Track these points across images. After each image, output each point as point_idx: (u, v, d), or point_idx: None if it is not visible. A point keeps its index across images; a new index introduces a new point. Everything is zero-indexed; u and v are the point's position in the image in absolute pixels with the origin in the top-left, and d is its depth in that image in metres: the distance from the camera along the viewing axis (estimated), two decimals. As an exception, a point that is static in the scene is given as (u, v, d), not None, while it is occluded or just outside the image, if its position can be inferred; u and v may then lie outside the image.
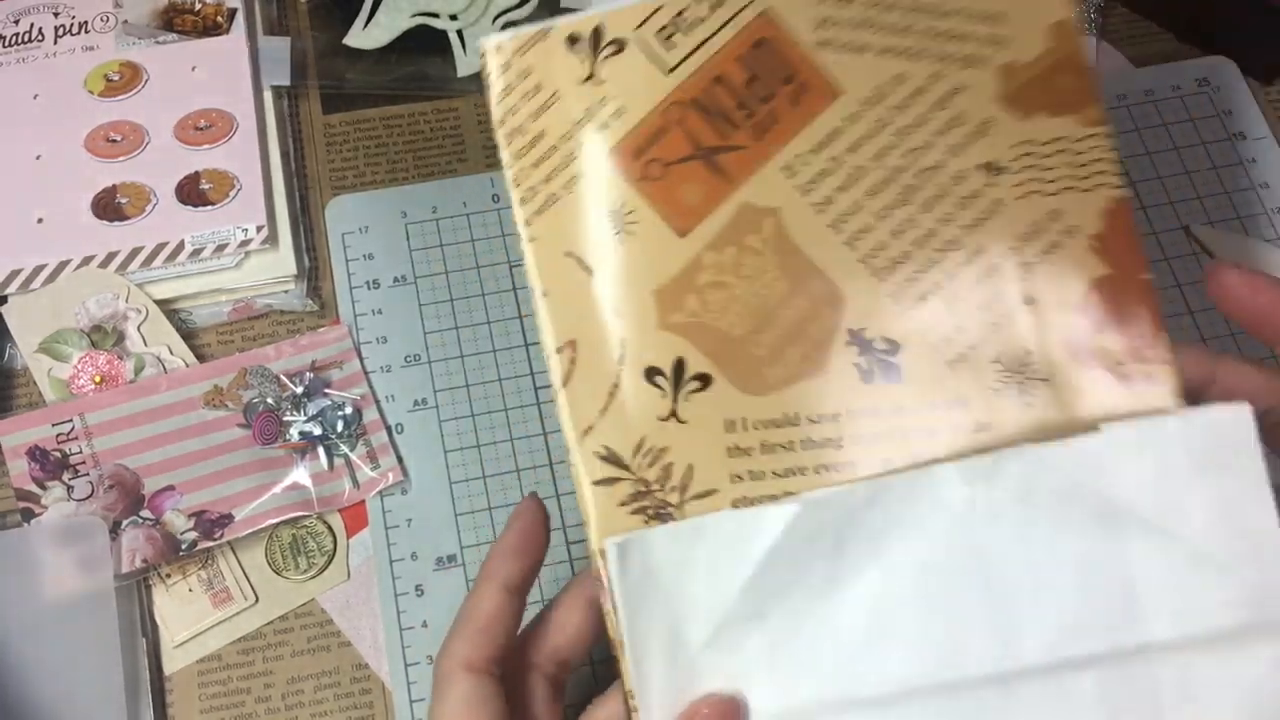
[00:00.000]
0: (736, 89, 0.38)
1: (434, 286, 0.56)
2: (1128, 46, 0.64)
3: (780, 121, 0.38)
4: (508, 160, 0.38)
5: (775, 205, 0.38)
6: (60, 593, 0.48)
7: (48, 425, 0.51)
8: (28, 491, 0.50)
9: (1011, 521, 0.36)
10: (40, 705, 0.46)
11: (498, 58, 0.38)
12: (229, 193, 0.56)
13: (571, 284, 0.37)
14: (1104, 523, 0.36)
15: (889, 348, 0.38)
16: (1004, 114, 0.39)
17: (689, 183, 0.38)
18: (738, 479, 0.37)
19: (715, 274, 0.38)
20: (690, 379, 0.38)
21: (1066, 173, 0.39)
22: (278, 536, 0.51)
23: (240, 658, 0.49)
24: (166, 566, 0.50)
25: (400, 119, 0.61)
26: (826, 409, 0.37)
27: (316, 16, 0.63)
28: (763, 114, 0.38)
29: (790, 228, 0.38)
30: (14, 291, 0.54)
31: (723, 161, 0.38)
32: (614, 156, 0.38)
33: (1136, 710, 0.35)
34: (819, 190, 0.38)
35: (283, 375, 0.53)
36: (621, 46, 0.38)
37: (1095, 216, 0.38)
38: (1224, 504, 0.35)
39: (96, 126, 0.58)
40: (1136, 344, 0.38)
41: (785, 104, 0.38)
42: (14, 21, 0.61)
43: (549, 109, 0.38)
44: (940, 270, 0.38)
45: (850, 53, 0.39)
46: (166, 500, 0.50)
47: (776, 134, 0.38)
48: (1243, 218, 0.59)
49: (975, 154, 0.38)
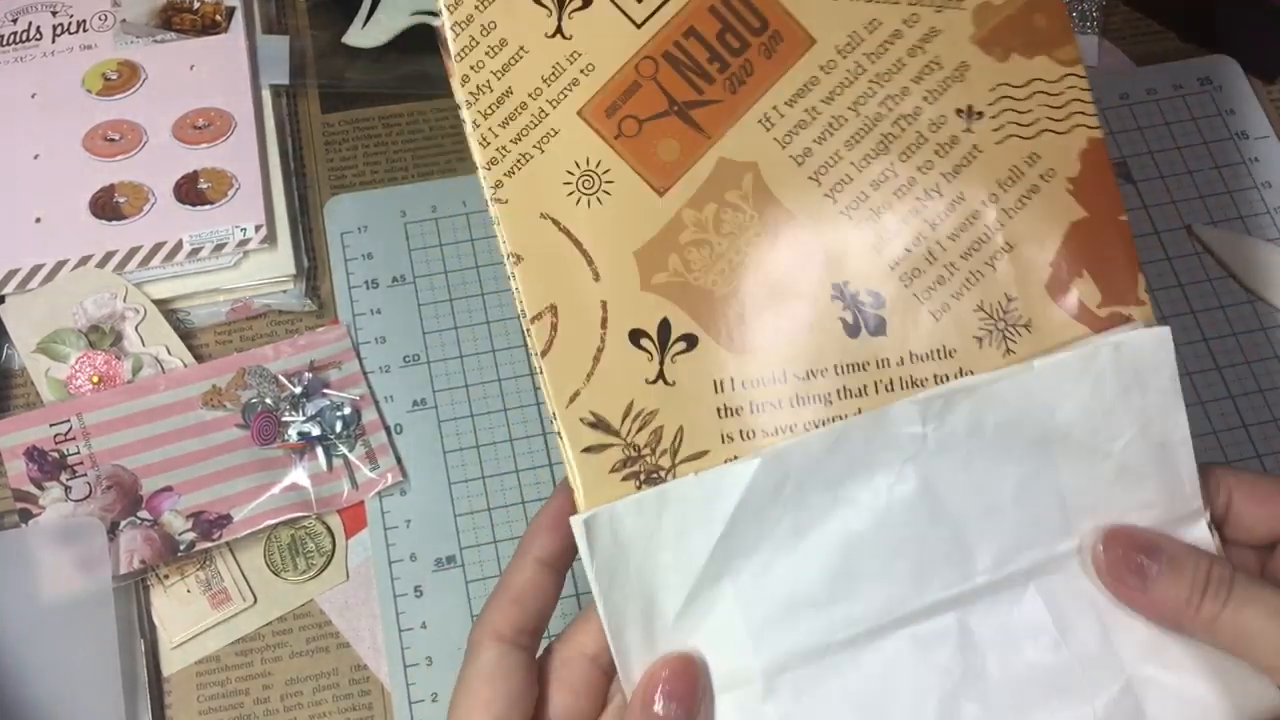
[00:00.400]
0: (709, 41, 0.37)
1: (433, 286, 0.56)
2: (1130, 45, 0.64)
3: (755, 73, 0.37)
4: (473, 119, 0.36)
5: (753, 159, 0.37)
6: (58, 593, 0.47)
7: (45, 425, 0.51)
8: (25, 492, 0.50)
9: (961, 453, 0.37)
10: (38, 706, 0.45)
11: (457, 13, 0.36)
12: (227, 192, 0.56)
13: (548, 247, 0.36)
14: (1042, 447, 0.37)
15: (873, 301, 0.38)
16: (980, 56, 0.38)
17: (665, 139, 0.37)
18: (729, 439, 0.37)
19: (696, 232, 0.37)
20: (676, 340, 0.37)
21: (1044, 114, 0.39)
22: (276, 537, 0.51)
23: (239, 659, 0.49)
24: (165, 567, 0.49)
25: (400, 118, 0.61)
26: (814, 364, 0.37)
27: (315, 15, 0.63)
28: (737, 66, 0.37)
29: (770, 181, 0.37)
30: (12, 291, 0.54)
31: (699, 116, 0.37)
32: (586, 114, 0.37)
33: (1078, 609, 0.37)
34: (797, 142, 0.38)
35: (281, 375, 0.53)
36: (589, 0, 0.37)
37: (1073, 159, 0.38)
38: (1145, 420, 0.37)
39: (95, 125, 0.58)
40: (1114, 286, 0.38)
41: (759, 55, 0.38)
42: (12, 20, 0.61)
43: (515, 65, 0.36)
44: (922, 220, 0.38)
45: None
46: (165, 501, 0.50)
47: (752, 86, 0.37)
48: (1245, 217, 0.59)
49: (952, 99, 0.38)
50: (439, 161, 0.60)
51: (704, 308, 0.37)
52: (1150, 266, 0.57)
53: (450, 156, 0.60)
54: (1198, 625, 0.36)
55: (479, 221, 0.57)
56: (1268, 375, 0.55)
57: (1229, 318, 0.56)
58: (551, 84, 0.37)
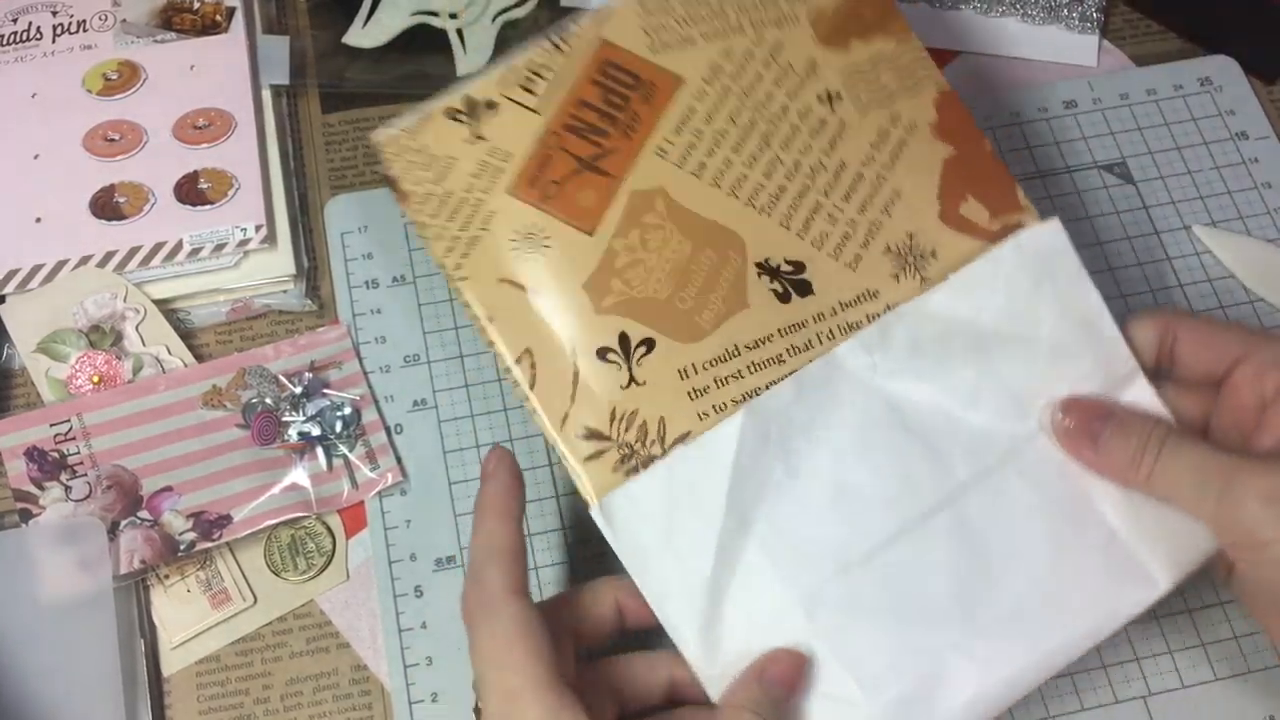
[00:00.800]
0: (597, 105, 0.45)
1: (433, 286, 0.56)
2: (1130, 46, 0.64)
3: (641, 118, 0.45)
4: (425, 224, 0.44)
5: (660, 184, 0.44)
6: (58, 593, 0.47)
7: (45, 426, 0.51)
8: (26, 492, 0.50)
9: (910, 373, 0.43)
10: (38, 706, 0.45)
11: (391, 148, 0.44)
12: (228, 192, 0.56)
13: (512, 303, 0.43)
14: (979, 349, 0.43)
15: (794, 268, 0.44)
16: (825, 52, 0.46)
17: (582, 190, 0.44)
18: (705, 415, 0.42)
19: (628, 256, 0.44)
20: (637, 346, 0.43)
21: (894, 81, 0.46)
22: (276, 537, 0.51)
23: (239, 659, 0.49)
24: (165, 567, 0.49)
25: (400, 118, 0.61)
26: (759, 334, 0.43)
27: (316, 15, 0.63)
28: (625, 117, 0.45)
29: (679, 198, 0.44)
30: (12, 291, 0.54)
31: (604, 164, 0.44)
32: (514, 191, 0.44)
33: (1055, 477, 0.42)
34: (691, 160, 0.45)
35: (281, 375, 0.53)
36: (494, 105, 0.44)
37: (929, 109, 0.46)
38: (1062, 303, 0.44)
39: (95, 125, 0.58)
40: (997, 201, 0.45)
41: (641, 103, 0.45)
42: (12, 20, 0.61)
43: (449, 173, 0.44)
44: (815, 191, 0.45)
45: (681, 47, 0.46)
46: (165, 501, 0.50)
47: (642, 129, 0.45)
48: (1245, 217, 0.59)
49: (811, 90, 0.46)
50: (439, 162, 0.60)
51: (653, 314, 0.43)
52: (1150, 267, 0.57)
53: (450, 157, 0.60)
54: (1139, 481, 0.41)
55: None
56: (1268, 376, 0.55)
57: (1229, 318, 0.56)
58: (480, 177, 0.44)
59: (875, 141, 0.45)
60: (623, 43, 0.45)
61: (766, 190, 0.45)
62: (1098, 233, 0.58)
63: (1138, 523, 0.42)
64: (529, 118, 0.44)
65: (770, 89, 0.45)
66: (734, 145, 0.45)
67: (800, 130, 0.45)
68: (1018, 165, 0.59)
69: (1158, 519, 0.42)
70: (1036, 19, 0.64)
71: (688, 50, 0.45)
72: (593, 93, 0.45)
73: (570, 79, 0.45)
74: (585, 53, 0.45)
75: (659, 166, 0.44)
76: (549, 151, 0.44)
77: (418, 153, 0.44)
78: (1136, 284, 0.57)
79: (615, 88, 0.45)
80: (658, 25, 0.46)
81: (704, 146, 0.45)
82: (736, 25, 0.46)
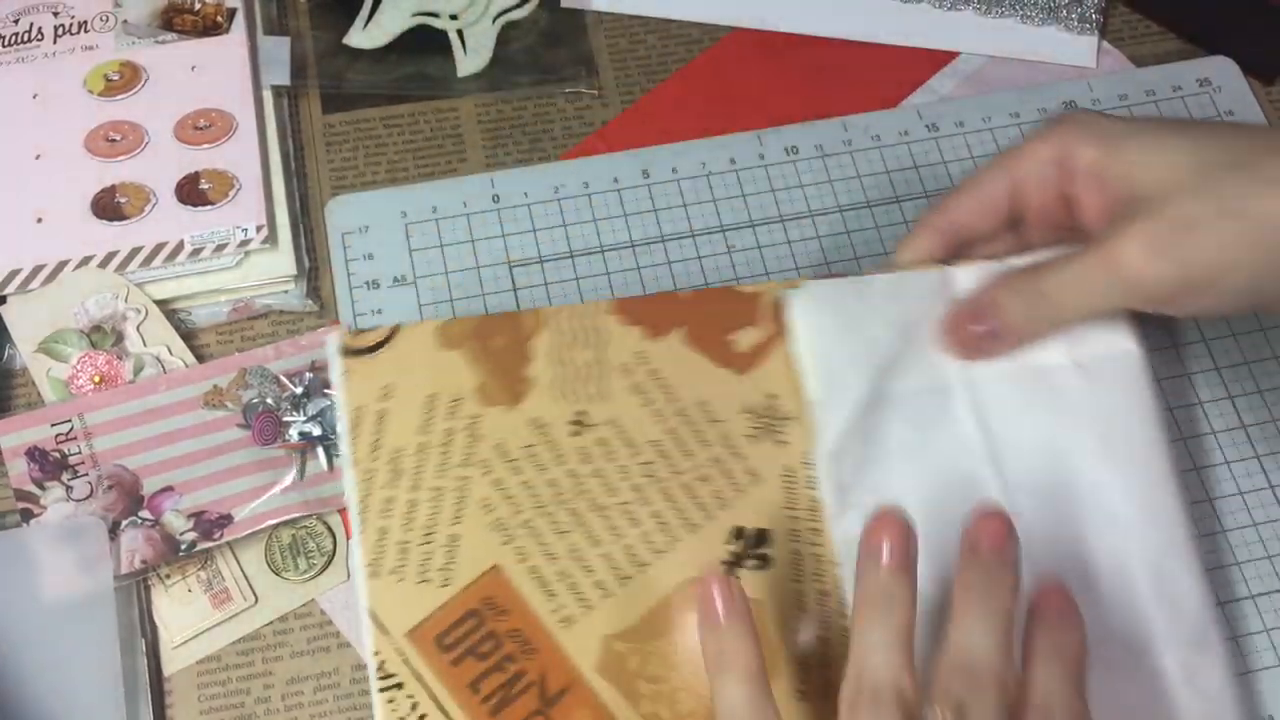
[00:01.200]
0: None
1: (434, 287, 0.56)
2: (1129, 46, 0.64)
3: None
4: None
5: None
6: (59, 594, 0.47)
7: (46, 425, 0.51)
8: (27, 492, 0.50)
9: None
10: (39, 706, 0.45)
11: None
12: (229, 192, 0.56)
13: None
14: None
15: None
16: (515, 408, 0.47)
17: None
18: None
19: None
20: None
21: (584, 354, 0.48)
22: (277, 537, 0.51)
23: (240, 659, 0.49)
24: (166, 567, 0.50)
25: (400, 119, 0.61)
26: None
27: (316, 16, 0.63)
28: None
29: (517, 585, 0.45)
30: (13, 291, 0.54)
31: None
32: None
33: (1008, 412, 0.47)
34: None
35: (282, 375, 0.53)
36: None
37: (625, 335, 0.48)
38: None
39: (96, 126, 0.58)
40: (744, 315, 0.49)
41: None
42: (13, 21, 0.61)
43: None
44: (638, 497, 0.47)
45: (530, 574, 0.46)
46: (165, 501, 0.50)
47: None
48: (1244, 218, 0.59)
49: (558, 440, 0.47)
50: (440, 162, 0.60)
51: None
52: (1149, 267, 0.57)
53: (451, 157, 0.60)
54: (1046, 324, 0.47)
55: (480, 223, 0.57)
56: (1267, 375, 0.55)
57: (1229, 318, 0.56)
58: None
59: (628, 407, 0.47)
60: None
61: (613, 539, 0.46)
62: (1097, 233, 0.58)
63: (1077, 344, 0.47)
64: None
65: (530, 475, 0.46)
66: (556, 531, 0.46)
67: (578, 474, 0.46)
68: (1017, 166, 0.60)
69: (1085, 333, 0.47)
70: (1035, 19, 0.64)
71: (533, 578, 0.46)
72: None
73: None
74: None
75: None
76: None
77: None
78: (1135, 285, 0.57)
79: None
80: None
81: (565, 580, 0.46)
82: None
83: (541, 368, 0.47)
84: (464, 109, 0.62)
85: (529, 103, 0.62)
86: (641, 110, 0.62)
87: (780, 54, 0.63)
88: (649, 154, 0.59)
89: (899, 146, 0.60)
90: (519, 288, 0.56)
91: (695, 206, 0.58)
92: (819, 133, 0.60)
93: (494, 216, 0.58)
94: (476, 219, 0.57)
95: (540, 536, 0.45)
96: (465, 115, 0.61)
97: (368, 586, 0.45)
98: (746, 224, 0.58)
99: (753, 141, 0.60)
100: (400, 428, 0.46)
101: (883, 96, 0.62)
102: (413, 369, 0.47)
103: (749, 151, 0.60)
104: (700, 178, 0.59)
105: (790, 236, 0.57)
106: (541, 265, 0.56)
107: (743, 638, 0.38)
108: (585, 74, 0.62)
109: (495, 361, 0.47)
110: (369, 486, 0.45)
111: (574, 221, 0.58)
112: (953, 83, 0.62)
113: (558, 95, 0.62)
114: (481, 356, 0.47)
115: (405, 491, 0.45)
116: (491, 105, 0.62)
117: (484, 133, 0.61)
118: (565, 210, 0.58)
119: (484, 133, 0.61)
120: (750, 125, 0.60)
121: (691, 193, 0.58)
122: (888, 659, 0.37)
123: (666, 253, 0.57)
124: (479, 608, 0.44)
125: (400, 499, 0.45)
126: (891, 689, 0.36)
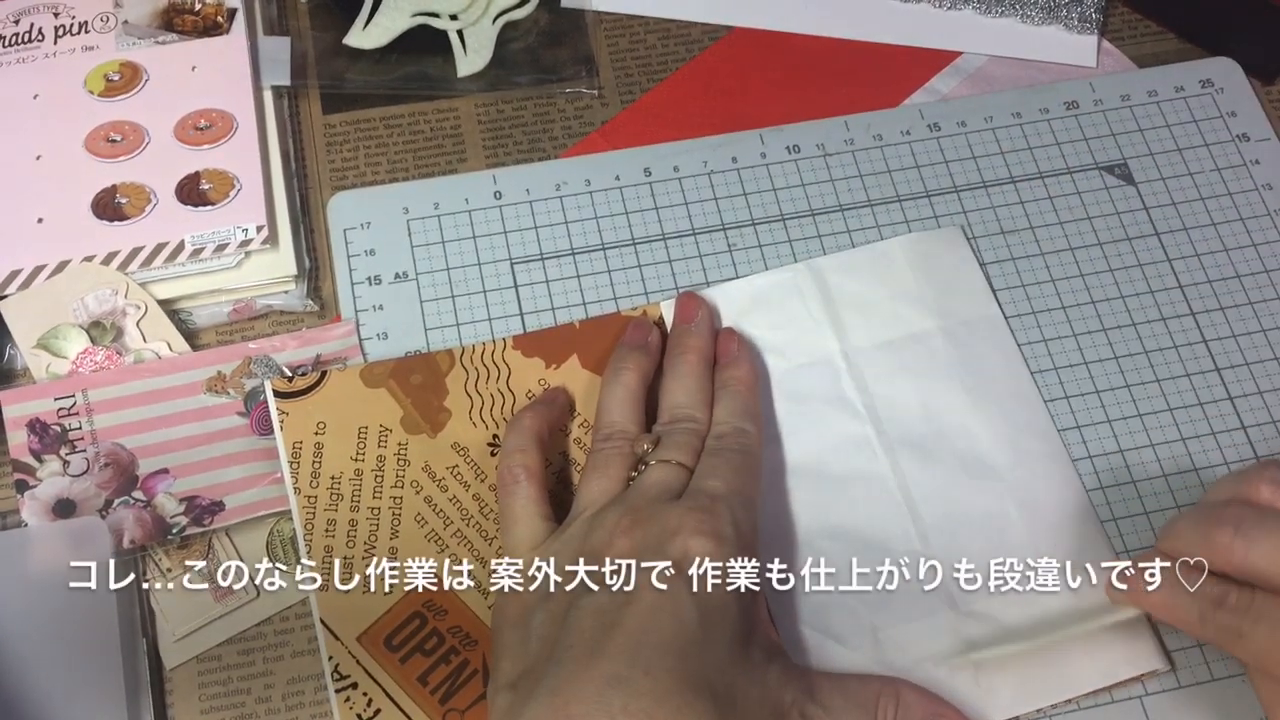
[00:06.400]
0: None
1: (435, 283, 0.56)
2: (1130, 47, 0.64)
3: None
4: None
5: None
6: (61, 594, 0.47)
7: (50, 399, 0.51)
8: (24, 463, 0.50)
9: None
10: (40, 705, 0.45)
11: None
12: (229, 193, 0.56)
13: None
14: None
15: None
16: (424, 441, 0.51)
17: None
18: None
19: None
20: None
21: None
22: (279, 531, 0.50)
23: (240, 658, 0.49)
24: (166, 560, 0.49)
25: (400, 119, 0.61)
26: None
27: (316, 16, 0.63)
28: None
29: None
30: (13, 292, 0.54)
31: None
32: None
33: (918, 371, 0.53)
34: None
35: (286, 367, 0.53)
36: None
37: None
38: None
39: (96, 126, 0.58)
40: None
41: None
42: (14, 21, 0.61)
43: None
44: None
45: None
46: (159, 483, 0.50)
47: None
48: (1245, 219, 0.59)
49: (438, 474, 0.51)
50: (440, 162, 0.60)
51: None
52: (1151, 268, 0.57)
53: (451, 157, 0.60)
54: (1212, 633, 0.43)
55: (481, 219, 0.57)
56: (1267, 377, 0.55)
57: (1229, 319, 0.56)
58: None
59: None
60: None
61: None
62: (1098, 233, 0.58)
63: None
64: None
65: (456, 492, 0.50)
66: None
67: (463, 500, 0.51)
68: (1019, 165, 0.60)
69: None
70: (1035, 19, 0.64)
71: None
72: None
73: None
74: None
75: None
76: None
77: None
78: (1138, 285, 0.57)
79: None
80: None
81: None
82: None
83: (456, 399, 0.52)
84: (464, 109, 0.62)
85: (529, 103, 0.62)
86: (642, 109, 0.62)
87: (780, 54, 0.63)
88: (651, 152, 0.59)
89: (901, 145, 0.60)
90: (520, 284, 0.56)
91: (697, 205, 0.58)
92: (821, 132, 0.60)
93: (496, 213, 0.57)
94: (479, 215, 0.57)
95: (470, 544, 0.49)
96: (465, 115, 0.61)
97: (318, 600, 0.48)
98: (748, 222, 0.58)
99: (755, 140, 0.60)
100: (336, 457, 0.50)
101: (884, 96, 0.62)
102: (343, 406, 0.51)
103: (751, 150, 0.60)
104: (702, 176, 0.59)
105: (792, 235, 0.57)
106: (543, 262, 0.56)
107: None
108: (585, 74, 0.62)
109: (416, 396, 0.52)
110: (312, 510, 0.49)
111: (575, 219, 0.57)
112: (954, 82, 0.62)
113: (558, 95, 0.62)
114: (403, 392, 0.52)
115: (345, 512, 0.49)
116: (491, 105, 0.62)
117: (484, 133, 0.61)
118: (567, 207, 0.58)
119: (484, 133, 0.61)
120: (750, 125, 0.60)
121: (693, 191, 0.58)
122: (620, 411, 0.49)
123: (668, 250, 0.57)
124: (421, 610, 0.48)
125: (341, 519, 0.49)
126: (619, 431, 0.48)
